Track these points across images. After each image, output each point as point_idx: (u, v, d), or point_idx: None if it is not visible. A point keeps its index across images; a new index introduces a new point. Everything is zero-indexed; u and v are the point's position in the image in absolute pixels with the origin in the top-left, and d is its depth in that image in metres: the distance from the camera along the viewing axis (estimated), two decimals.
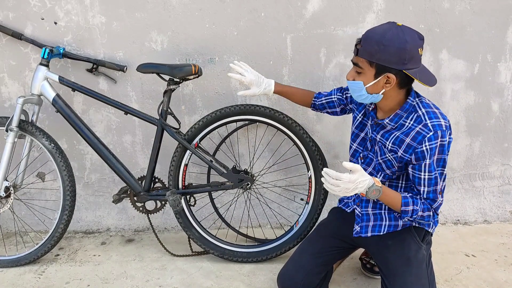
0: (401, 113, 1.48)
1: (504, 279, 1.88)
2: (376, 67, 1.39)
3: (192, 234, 2.05)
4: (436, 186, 1.45)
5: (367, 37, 1.39)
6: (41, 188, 2.36)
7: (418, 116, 1.44)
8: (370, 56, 1.38)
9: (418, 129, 1.42)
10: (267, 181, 2.31)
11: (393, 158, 1.51)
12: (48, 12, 2.07)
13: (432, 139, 1.39)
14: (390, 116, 1.49)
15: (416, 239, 1.57)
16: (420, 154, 1.42)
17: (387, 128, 1.52)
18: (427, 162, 1.42)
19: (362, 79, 1.43)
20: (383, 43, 1.34)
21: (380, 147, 1.55)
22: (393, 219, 1.60)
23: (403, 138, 1.46)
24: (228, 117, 1.97)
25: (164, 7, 2.07)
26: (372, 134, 1.58)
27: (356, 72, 1.45)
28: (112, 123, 2.26)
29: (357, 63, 1.43)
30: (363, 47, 1.39)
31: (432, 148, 1.40)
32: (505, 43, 2.19)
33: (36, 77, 1.94)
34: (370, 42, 1.38)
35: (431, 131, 1.40)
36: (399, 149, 1.47)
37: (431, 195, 1.47)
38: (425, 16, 2.12)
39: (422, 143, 1.40)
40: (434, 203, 1.48)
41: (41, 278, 1.96)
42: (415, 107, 1.47)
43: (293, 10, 2.09)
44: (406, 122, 1.47)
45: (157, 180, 2.08)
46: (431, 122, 1.41)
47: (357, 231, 1.64)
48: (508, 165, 2.40)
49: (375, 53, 1.36)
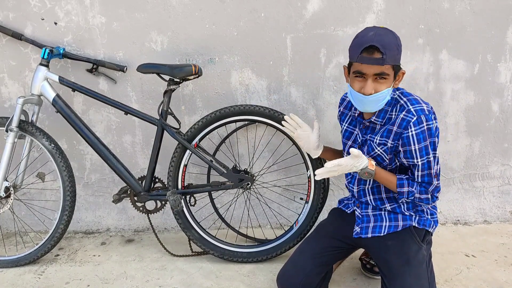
0: (386, 107, 1.52)
1: (504, 279, 1.87)
2: (394, 68, 1.41)
3: (191, 235, 2.05)
4: (430, 170, 1.49)
5: (384, 43, 1.36)
6: (41, 189, 2.36)
7: (401, 105, 1.49)
8: (394, 61, 1.39)
9: (402, 116, 1.46)
10: (267, 181, 2.31)
11: (382, 152, 1.55)
12: (48, 12, 2.07)
13: (417, 124, 1.43)
14: (376, 113, 1.53)
15: (416, 239, 1.57)
16: (406, 140, 1.45)
17: (376, 127, 1.56)
18: (416, 147, 1.45)
19: (386, 86, 1.42)
20: (398, 44, 1.41)
21: (369, 145, 1.59)
22: (393, 219, 1.60)
23: (390, 128, 1.50)
24: (228, 117, 1.97)
25: (164, 7, 2.08)
26: (362, 137, 1.62)
27: (376, 81, 1.41)
28: (112, 123, 2.26)
29: (383, 72, 1.38)
30: (387, 54, 1.35)
31: (418, 133, 1.43)
32: (505, 43, 2.19)
33: (36, 77, 1.94)
34: (391, 47, 1.36)
35: (414, 116, 1.44)
36: (388, 139, 1.51)
37: (426, 179, 1.50)
38: (425, 16, 2.12)
39: (408, 128, 1.44)
40: (430, 186, 1.51)
41: (41, 278, 1.96)
42: (397, 99, 1.51)
43: (293, 10, 2.09)
44: (393, 115, 1.51)
45: (157, 180, 2.08)
46: (413, 108, 1.45)
47: (357, 232, 1.64)
48: (508, 165, 2.40)
49: (397, 55, 1.40)
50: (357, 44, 1.41)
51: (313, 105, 2.24)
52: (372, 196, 1.66)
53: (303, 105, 2.24)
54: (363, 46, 1.37)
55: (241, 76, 2.18)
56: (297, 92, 2.21)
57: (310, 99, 2.23)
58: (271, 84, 2.20)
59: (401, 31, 2.10)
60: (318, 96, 2.22)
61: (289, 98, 2.22)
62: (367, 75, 1.41)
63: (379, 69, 1.38)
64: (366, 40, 1.38)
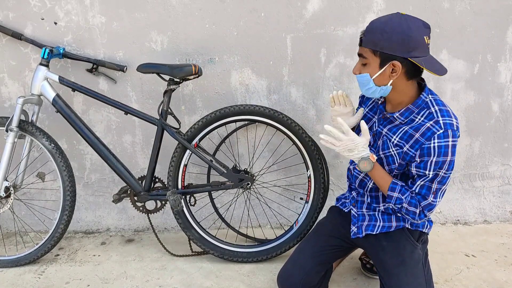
0: (413, 108, 1.44)
1: (504, 279, 1.87)
2: (381, 56, 1.36)
3: (191, 235, 2.05)
4: (432, 184, 1.41)
5: (370, 27, 1.38)
6: (41, 188, 2.36)
7: (430, 113, 1.41)
8: (374, 45, 1.36)
9: (429, 125, 1.39)
10: (267, 180, 2.31)
11: (396, 154, 1.48)
12: (48, 12, 2.07)
13: (442, 137, 1.36)
14: (401, 110, 1.46)
15: (410, 240, 1.57)
16: (426, 151, 1.38)
17: (395, 122, 1.49)
18: (433, 159, 1.37)
19: (368, 70, 1.40)
20: (386, 31, 1.32)
21: (384, 141, 1.52)
22: (387, 220, 1.60)
23: (412, 133, 1.42)
24: (228, 117, 1.97)
25: (164, 7, 2.08)
26: (378, 127, 1.56)
27: (362, 64, 1.42)
28: (112, 123, 2.26)
29: (361, 53, 1.40)
30: (367, 36, 1.37)
31: (441, 147, 1.36)
32: (505, 43, 2.19)
33: (36, 77, 1.94)
34: (373, 31, 1.36)
35: (442, 128, 1.36)
36: (406, 144, 1.44)
37: (424, 191, 1.43)
38: (425, 16, 2.11)
39: (431, 139, 1.37)
40: (423, 201, 1.44)
41: (41, 278, 1.96)
42: (428, 104, 1.43)
43: (293, 10, 2.09)
44: (417, 118, 1.43)
45: (157, 180, 2.08)
46: (443, 120, 1.38)
47: (354, 232, 1.64)
48: (508, 165, 2.40)
49: (379, 41, 1.34)
50: None
51: (313, 105, 2.24)
52: (369, 193, 1.63)
53: (303, 105, 2.24)
54: None
55: (241, 76, 2.18)
56: (297, 92, 2.21)
57: (310, 99, 2.23)
58: (271, 84, 2.20)
59: None
60: (318, 96, 2.22)
61: (289, 98, 2.22)
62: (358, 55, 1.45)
63: (360, 49, 1.41)
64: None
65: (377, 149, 1.56)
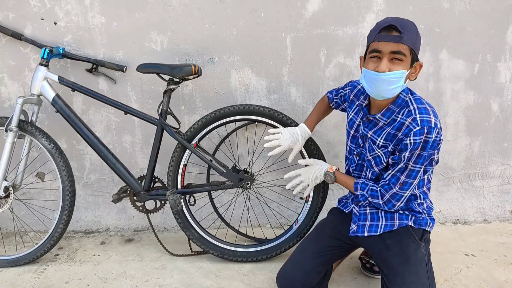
0: (393, 108, 1.50)
1: (504, 278, 1.88)
2: (412, 55, 1.39)
3: (191, 234, 2.05)
4: (401, 175, 1.48)
5: (405, 25, 1.35)
6: (41, 188, 2.36)
7: (409, 111, 1.47)
8: (412, 44, 1.37)
9: (407, 123, 1.45)
10: (267, 180, 2.31)
11: (383, 154, 1.54)
12: (48, 12, 2.07)
13: (418, 134, 1.41)
14: (382, 111, 1.51)
15: (414, 238, 1.57)
16: (404, 146, 1.45)
17: (379, 124, 1.54)
18: (406, 154, 1.45)
19: (403, 67, 1.38)
20: (418, 33, 1.39)
21: (369, 144, 1.58)
22: (389, 218, 1.60)
23: (395, 133, 1.49)
24: (228, 117, 1.97)
25: (164, 7, 2.08)
26: (364, 130, 1.60)
27: (393, 61, 1.38)
28: (112, 123, 2.26)
29: (399, 51, 1.35)
30: (406, 35, 1.34)
31: (416, 143, 1.42)
32: (505, 43, 2.19)
33: (36, 77, 1.94)
34: (410, 30, 1.36)
35: (418, 125, 1.41)
36: (390, 143, 1.51)
37: (393, 180, 1.50)
38: (425, 16, 2.12)
39: (408, 136, 1.43)
40: (389, 190, 1.51)
41: (41, 278, 1.96)
42: (407, 103, 1.49)
43: (293, 10, 2.09)
44: (398, 117, 1.49)
45: (157, 179, 2.08)
46: (420, 117, 1.42)
47: (353, 230, 1.65)
48: (508, 165, 2.40)
49: (416, 41, 1.38)
50: (376, 26, 1.43)
51: (313, 105, 2.24)
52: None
53: (303, 105, 2.24)
54: (382, 26, 1.39)
55: (241, 75, 2.18)
56: (297, 91, 2.21)
57: (310, 99, 2.23)
58: (271, 84, 2.20)
59: None
60: (318, 96, 2.22)
61: (289, 97, 2.22)
62: (383, 53, 1.38)
63: (396, 46, 1.35)
64: (385, 21, 1.40)
65: (365, 151, 1.62)
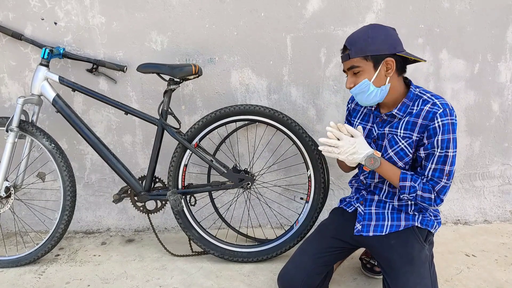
0: (407, 102, 1.51)
1: (505, 279, 1.87)
2: (372, 59, 1.43)
3: (192, 235, 2.05)
4: (444, 166, 1.46)
5: (351, 40, 1.46)
6: (42, 188, 2.36)
7: (424, 100, 1.48)
8: (363, 53, 1.43)
9: (428, 108, 1.45)
10: (267, 180, 2.31)
11: (407, 145, 1.51)
12: (48, 12, 2.07)
13: (443, 116, 1.43)
14: (398, 106, 1.52)
15: (419, 239, 1.57)
16: (432, 131, 1.44)
17: (395, 119, 1.54)
18: (439, 138, 1.43)
19: (365, 77, 1.46)
20: (368, 36, 1.42)
21: (390, 138, 1.55)
22: (396, 219, 1.60)
23: (414, 121, 1.49)
24: (228, 117, 1.97)
25: (164, 7, 2.08)
26: (379, 130, 1.59)
27: (354, 75, 1.48)
28: (112, 123, 2.26)
29: (352, 66, 1.46)
30: (352, 49, 1.44)
31: (445, 124, 1.42)
32: (505, 43, 2.19)
33: (36, 77, 1.95)
34: (356, 41, 1.44)
35: (440, 108, 1.43)
36: (412, 132, 1.50)
37: (437, 174, 1.47)
38: (425, 16, 2.12)
39: (434, 119, 1.43)
40: (437, 185, 1.47)
41: (41, 278, 1.96)
42: (419, 95, 1.51)
43: (293, 10, 2.09)
44: (414, 109, 1.50)
45: (157, 180, 2.08)
46: (439, 101, 1.45)
47: (358, 229, 1.64)
48: (508, 165, 2.40)
49: (366, 47, 1.42)
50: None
51: (313, 105, 2.24)
52: (388, 187, 1.64)
53: (303, 105, 2.24)
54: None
55: (241, 75, 2.18)
56: (297, 91, 2.22)
57: (310, 99, 2.23)
58: (271, 84, 2.20)
59: (401, 31, 2.09)
60: (318, 96, 2.22)
61: (289, 97, 2.22)
62: (346, 71, 1.51)
63: (348, 63, 1.47)
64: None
65: (385, 149, 1.58)
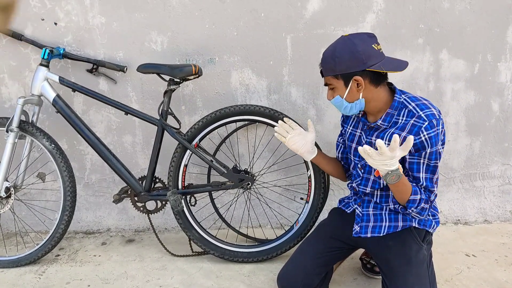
0: (392, 111, 1.51)
1: (505, 279, 1.87)
2: (342, 77, 1.47)
3: (192, 235, 2.05)
4: (433, 175, 1.48)
5: (323, 58, 1.52)
6: (42, 189, 2.36)
7: (410, 111, 1.47)
8: (332, 71, 1.49)
9: (413, 122, 1.45)
10: (267, 181, 2.31)
11: None
12: (48, 12, 2.07)
13: (429, 128, 1.42)
14: (382, 117, 1.52)
15: (416, 239, 1.57)
16: (420, 145, 1.43)
17: (381, 128, 1.54)
18: (428, 150, 1.44)
19: (338, 93, 1.52)
20: (336, 56, 1.46)
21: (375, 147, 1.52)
22: (393, 220, 1.60)
23: (399, 133, 1.47)
24: (228, 117, 1.97)
25: (164, 8, 2.08)
26: (367, 139, 1.60)
27: (331, 90, 1.55)
28: (113, 123, 2.26)
29: (326, 82, 1.55)
30: (323, 67, 1.52)
31: (432, 137, 1.42)
32: (505, 43, 2.19)
33: (36, 78, 1.95)
34: (326, 60, 1.51)
35: (425, 121, 1.42)
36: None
37: (430, 184, 1.48)
38: (425, 16, 2.12)
39: (419, 133, 1.43)
40: (431, 194, 1.49)
41: (42, 278, 1.96)
42: (404, 103, 1.50)
43: (293, 10, 2.09)
44: (399, 119, 1.49)
45: (157, 180, 2.08)
46: (424, 113, 1.44)
47: (356, 231, 1.64)
48: (509, 165, 2.40)
49: (334, 66, 1.47)
50: None
51: (314, 105, 2.24)
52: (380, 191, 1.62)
53: (303, 105, 2.24)
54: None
55: (241, 76, 2.18)
56: (297, 92, 2.22)
57: (311, 99, 2.23)
58: (271, 84, 2.20)
59: (401, 31, 2.11)
60: (318, 96, 2.22)
61: (289, 98, 2.22)
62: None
63: (324, 80, 1.56)
64: None
65: None
